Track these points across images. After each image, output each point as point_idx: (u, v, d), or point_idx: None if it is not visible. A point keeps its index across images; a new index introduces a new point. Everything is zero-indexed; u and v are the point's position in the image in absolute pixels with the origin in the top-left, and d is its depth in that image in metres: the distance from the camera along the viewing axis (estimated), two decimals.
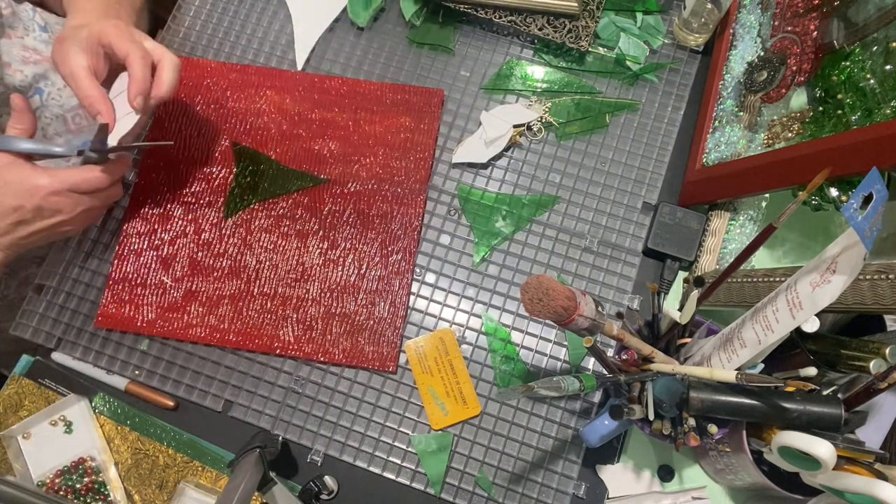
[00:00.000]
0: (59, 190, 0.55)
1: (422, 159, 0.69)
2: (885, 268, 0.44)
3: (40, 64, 0.66)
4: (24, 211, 0.54)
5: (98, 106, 0.56)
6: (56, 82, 0.67)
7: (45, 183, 0.54)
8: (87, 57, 0.56)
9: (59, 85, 0.67)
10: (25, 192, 0.54)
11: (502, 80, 0.72)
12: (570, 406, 0.63)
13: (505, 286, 0.66)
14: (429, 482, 0.61)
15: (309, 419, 0.63)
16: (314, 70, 0.73)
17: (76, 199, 0.56)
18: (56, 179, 0.55)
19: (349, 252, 0.66)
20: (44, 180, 0.54)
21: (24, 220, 0.55)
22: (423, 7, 0.74)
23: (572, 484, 0.61)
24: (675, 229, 0.65)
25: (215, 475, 0.61)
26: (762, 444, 0.51)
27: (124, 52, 0.57)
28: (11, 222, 0.55)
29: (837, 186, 0.53)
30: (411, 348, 0.64)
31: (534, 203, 0.68)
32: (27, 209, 0.54)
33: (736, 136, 0.62)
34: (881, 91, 0.50)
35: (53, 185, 0.54)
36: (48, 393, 0.63)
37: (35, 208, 0.54)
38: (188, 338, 0.64)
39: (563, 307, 0.44)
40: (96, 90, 0.56)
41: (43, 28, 0.67)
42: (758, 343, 0.45)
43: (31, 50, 0.65)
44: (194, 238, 0.66)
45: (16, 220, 0.55)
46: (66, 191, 0.55)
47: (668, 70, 0.72)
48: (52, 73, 0.66)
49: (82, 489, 0.61)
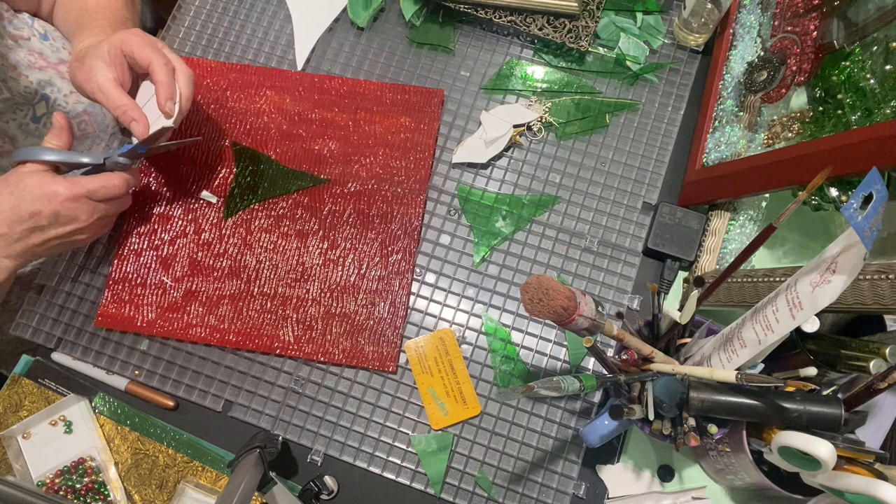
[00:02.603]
0: (78, 195, 0.55)
1: (422, 159, 0.69)
2: (885, 268, 0.44)
3: (45, 70, 0.66)
4: (40, 217, 0.54)
5: (131, 113, 0.56)
6: (62, 88, 0.67)
7: (63, 189, 0.54)
8: (111, 69, 0.57)
9: (66, 91, 0.67)
10: (43, 198, 0.54)
11: (502, 80, 0.72)
12: (570, 406, 0.63)
13: (505, 286, 0.66)
14: (429, 482, 0.61)
15: (309, 419, 0.63)
16: (314, 70, 0.73)
17: (93, 207, 0.56)
18: (74, 185, 0.55)
19: (349, 252, 0.66)
20: (62, 187, 0.54)
21: (40, 227, 0.55)
22: (423, 7, 0.74)
23: (572, 484, 0.61)
24: (675, 229, 0.65)
25: (215, 475, 0.61)
26: (762, 444, 0.51)
27: (147, 59, 0.57)
28: (27, 228, 0.54)
29: (837, 186, 0.53)
30: (411, 348, 0.64)
31: (534, 203, 0.68)
32: (44, 214, 0.54)
33: (736, 136, 0.62)
34: (881, 91, 0.50)
35: (72, 190, 0.54)
36: (48, 393, 0.63)
37: (52, 214, 0.54)
38: (188, 338, 0.64)
39: (563, 307, 0.44)
40: (127, 99, 0.57)
41: (44, 36, 0.67)
42: (758, 343, 0.45)
43: (38, 54, 0.65)
44: (194, 238, 0.66)
45: (31, 227, 0.55)
46: (83, 197, 0.55)
47: (668, 70, 0.72)
48: (57, 79, 0.66)
49: (82, 489, 0.61)
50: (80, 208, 0.55)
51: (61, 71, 0.67)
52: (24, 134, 0.64)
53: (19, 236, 0.55)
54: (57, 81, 0.67)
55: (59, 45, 0.68)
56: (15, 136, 0.64)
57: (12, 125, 0.63)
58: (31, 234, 0.55)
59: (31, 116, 0.65)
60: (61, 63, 0.67)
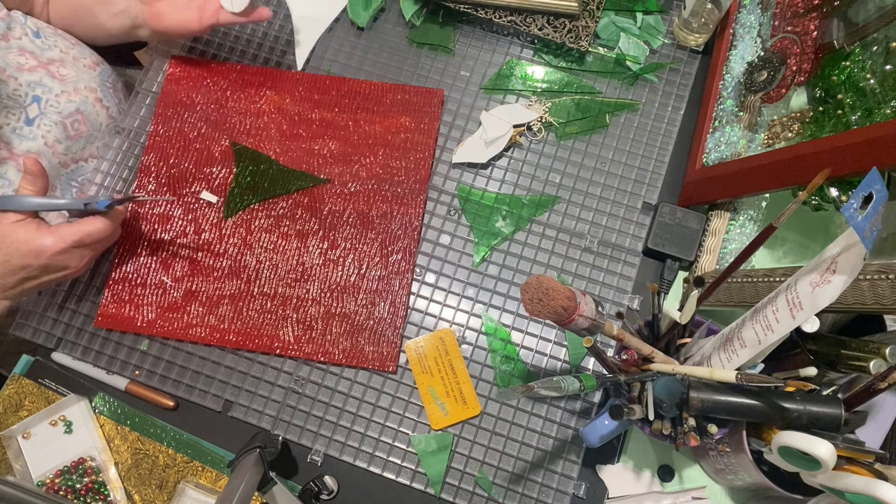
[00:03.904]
0: (65, 248, 0.55)
1: (422, 159, 0.69)
2: (885, 268, 0.44)
3: (35, 71, 0.65)
4: (31, 269, 0.55)
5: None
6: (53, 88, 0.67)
7: (50, 243, 0.55)
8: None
9: (56, 91, 0.67)
10: (31, 253, 0.54)
11: (502, 80, 0.72)
12: (570, 406, 0.63)
13: (505, 286, 0.66)
14: (429, 482, 0.61)
15: (309, 419, 0.63)
16: (314, 70, 0.73)
17: (80, 254, 0.57)
18: (60, 239, 0.55)
19: (349, 252, 0.66)
20: (48, 240, 0.55)
21: (32, 276, 0.56)
22: (423, 7, 0.74)
23: (572, 484, 0.61)
24: (675, 229, 0.65)
25: (215, 475, 0.61)
26: (762, 444, 0.51)
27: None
28: (20, 278, 0.56)
29: (837, 186, 0.53)
30: (411, 348, 0.64)
31: (534, 203, 0.68)
32: (34, 267, 0.55)
33: (736, 136, 0.62)
34: (881, 91, 0.50)
35: (58, 245, 0.55)
36: (48, 393, 0.63)
37: (42, 267, 0.55)
38: (188, 338, 0.64)
39: (563, 307, 0.44)
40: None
41: (36, 33, 0.66)
42: (758, 343, 0.45)
43: (28, 54, 0.65)
44: (194, 238, 0.66)
45: (24, 277, 0.56)
46: (70, 248, 0.56)
47: (668, 70, 0.72)
48: (47, 78, 0.66)
49: (82, 489, 0.61)
50: (69, 258, 0.56)
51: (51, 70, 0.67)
52: (18, 138, 0.64)
53: (13, 284, 0.56)
54: (47, 81, 0.66)
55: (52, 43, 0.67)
56: (10, 141, 0.64)
57: (6, 129, 0.63)
58: (25, 282, 0.56)
59: (24, 120, 0.64)
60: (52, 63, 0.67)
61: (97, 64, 0.72)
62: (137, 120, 0.71)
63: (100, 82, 0.70)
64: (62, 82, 0.67)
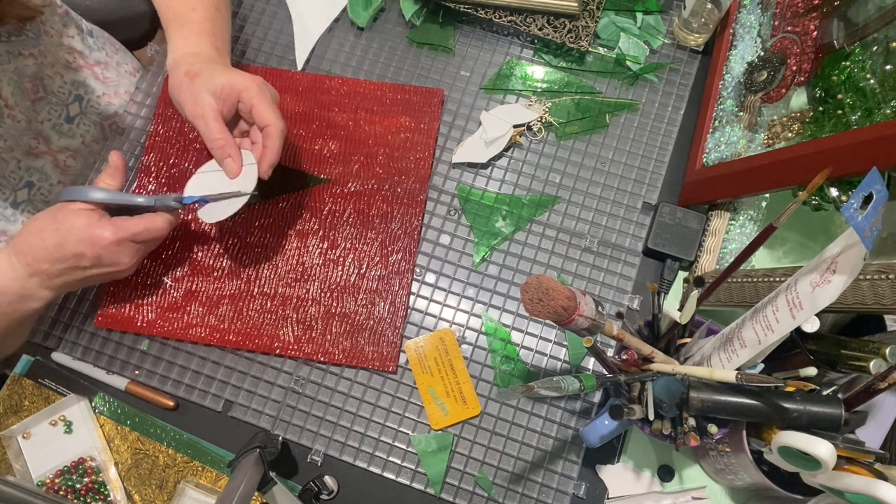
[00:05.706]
0: (122, 240, 0.55)
1: (422, 159, 0.69)
2: (885, 268, 0.44)
3: (81, 70, 0.65)
4: (83, 258, 0.54)
5: (229, 150, 0.56)
6: (95, 90, 0.66)
7: (108, 234, 0.54)
8: (219, 102, 0.56)
9: (99, 93, 0.67)
10: (88, 240, 0.54)
11: (502, 80, 0.72)
12: (570, 406, 0.63)
13: (505, 286, 0.66)
14: (429, 482, 0.61)
15: (309, 419, 0.63)
16: (314, 70, 0.73)
17: (135, 249, 0.56)
18: (119, 229, 0.54)
19: (349, 252, 0.66)
20: (107, 231, 0.54)
21: (81, 266, 0.55)
22: (423, 7, 0.74)
23: (572, 484, 0.61)
24: (675, 229, 0.65)
25: (215, 475, 0.61)
26: (762, 444, 0.51)
27: (266, 121, 0.56)
28: (69, 266, 0.55)
29: (837, 186, 0.53)
30: (411, 348, 0.64)
31: (534, 203, 0.68)
32: (87, 256, 0.54)
33: (736, 136, 0.62)
34: (881, 91, 0.50)
35: (117, 234, 0.54)
36: (48, 393, 0.63)
37: (95, 256, 0.54)
38: (188, 338, 0.64)
39: (563, 307, 0.44)
40: (227, 135, 0.57)
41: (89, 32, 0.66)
42: (758, 343, 0.45)
43: (77, 53, 0.64)
44: (194, 238, 0.66)
45: (73, 265, 0.55)
46: (127, 241, 0.55)
47: (668, 70, 0.72)
48: (91, 79, 0.66)
49: (82, 489, 0.61)
50: (123, 252, 0.55)
51: (96, 72, 0.67)
52: (57, 135, 0.64)
53: (59, 273, 0.55)
54: (91, 82, 0.66)
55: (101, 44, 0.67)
56: (49, 137, 0.63)
57: (46, 125, 0.63)
58: (73, 272, 0.55)
59: (64, 117, 0.64)
60: (98, 64, 0.67)
61: (137, 70, 0.72)
62: (138, 120, 0.71)
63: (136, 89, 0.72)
64: (105, 84, 0.67)
